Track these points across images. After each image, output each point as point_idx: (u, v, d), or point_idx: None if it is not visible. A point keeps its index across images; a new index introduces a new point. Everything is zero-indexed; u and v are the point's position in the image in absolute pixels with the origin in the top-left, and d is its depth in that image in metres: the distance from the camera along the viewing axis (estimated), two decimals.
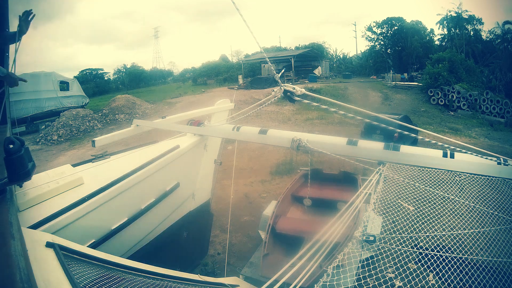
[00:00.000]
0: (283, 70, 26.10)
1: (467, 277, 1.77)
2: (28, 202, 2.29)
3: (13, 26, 2.49)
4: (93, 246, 2.44)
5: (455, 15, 31.90)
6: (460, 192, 2.48)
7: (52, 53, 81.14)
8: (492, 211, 2.20)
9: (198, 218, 4.17)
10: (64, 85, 18.89)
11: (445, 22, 32.86)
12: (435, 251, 1.94)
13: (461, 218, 2.20)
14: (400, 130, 2.36)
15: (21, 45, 2.49)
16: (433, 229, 2.17)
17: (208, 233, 4.72)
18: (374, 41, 37.83)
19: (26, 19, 2.44)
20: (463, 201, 2.32)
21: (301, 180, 5.07)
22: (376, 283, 1.67)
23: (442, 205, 2.40)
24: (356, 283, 1.67)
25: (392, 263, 1.83)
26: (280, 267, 1.81)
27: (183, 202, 3.82)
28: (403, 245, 1.97)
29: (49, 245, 1.49)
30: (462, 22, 31.44)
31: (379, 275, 1.73)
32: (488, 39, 30.88)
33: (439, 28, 34.20)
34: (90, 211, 2.50)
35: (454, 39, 31.48)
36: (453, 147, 2.16)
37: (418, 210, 2.33)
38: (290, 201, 4.62)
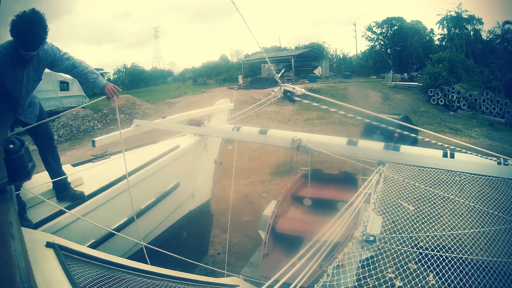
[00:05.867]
0: (283, 70, 26.06)
1: (467, 277, 1.77)
2: (28, 202, 2.29)
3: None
4: (93, 246, 2.44)
5: (455, 15, 31.84)
6: (460, 192, 2.48)
7: None
8: (492, 211, 2.20)
9: (198, 218, 4.16)
10: (64, 85, 18.80)
11: (445, 22, 32.79)
12: (435, 251, 1.94)
13: (461, 218, 2.20)
14: (400, 130, 2.36)
15: None
16: (433, 229, 2.17)
17: (208, 233, 4.72)
18: (374, 41, 37.72)
19: None
20: (463, 201, 2.32)
21: (301, 180, 5.07)
22: (376, 283, 1.67)
23: (442, 205, 2.40)
24: (356, 283, 1.67)
25: (392, 263, 1.83)
26: (280, 267, 1.81)
27: (183, 202, 3.81)
28: (403, 245, 1.97)
29: (49, 245, 1.49)
30: (462, 22, 31.38)
31: (379, 275, 1.73)
32: (488, 39, 30.80)
33: (439, 28, 34.15)
34: (90, 211, 2.50)
35: (454, 39, 31.43)
36: (453, 147, 2.16)
37: (418, 210, 2.33)
38: (290, 201, 4.62)
